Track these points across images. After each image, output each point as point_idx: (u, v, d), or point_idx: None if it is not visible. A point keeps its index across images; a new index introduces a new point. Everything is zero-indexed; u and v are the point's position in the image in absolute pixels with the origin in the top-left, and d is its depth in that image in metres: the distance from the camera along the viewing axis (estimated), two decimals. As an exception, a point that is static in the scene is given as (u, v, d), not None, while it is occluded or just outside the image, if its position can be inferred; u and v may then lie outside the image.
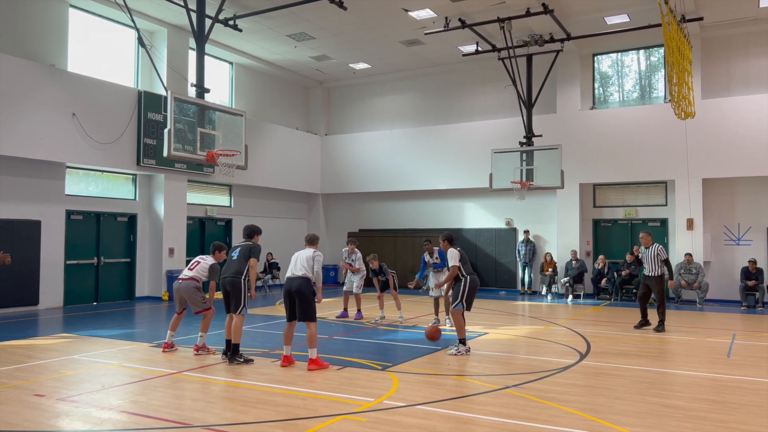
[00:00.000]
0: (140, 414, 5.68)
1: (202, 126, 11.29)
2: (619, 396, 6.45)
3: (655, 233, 17.27)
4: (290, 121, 21.47)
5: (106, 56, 15.73)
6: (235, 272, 8.06)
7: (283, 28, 16.61)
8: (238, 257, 8.17)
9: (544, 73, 17.06)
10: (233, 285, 8.03)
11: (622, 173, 17.18)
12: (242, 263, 8.10)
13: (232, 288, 8.03)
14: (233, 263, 8.17)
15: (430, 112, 20.62)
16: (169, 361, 8.16)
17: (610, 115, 17.61)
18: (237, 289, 8.02)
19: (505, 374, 7.51)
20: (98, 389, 6.58)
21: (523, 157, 16.16)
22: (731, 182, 16.39)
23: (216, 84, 19.00)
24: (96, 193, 15.39)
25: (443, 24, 15.71)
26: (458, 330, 8.76)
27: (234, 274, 8.06)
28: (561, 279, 17.11)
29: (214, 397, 6.29)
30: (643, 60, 18.02)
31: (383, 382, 6.96)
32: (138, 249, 16.10)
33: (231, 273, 8.08)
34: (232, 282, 8.03)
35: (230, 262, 8.24)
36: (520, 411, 5.82)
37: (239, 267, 8.08)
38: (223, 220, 18.94)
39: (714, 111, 16.01)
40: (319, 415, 5.65)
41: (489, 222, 19.54)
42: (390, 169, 20.42)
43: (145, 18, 15.80)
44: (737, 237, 16.32)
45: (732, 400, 6.30)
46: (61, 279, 14.25)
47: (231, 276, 8.06)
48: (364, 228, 21.50)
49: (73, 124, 13.73)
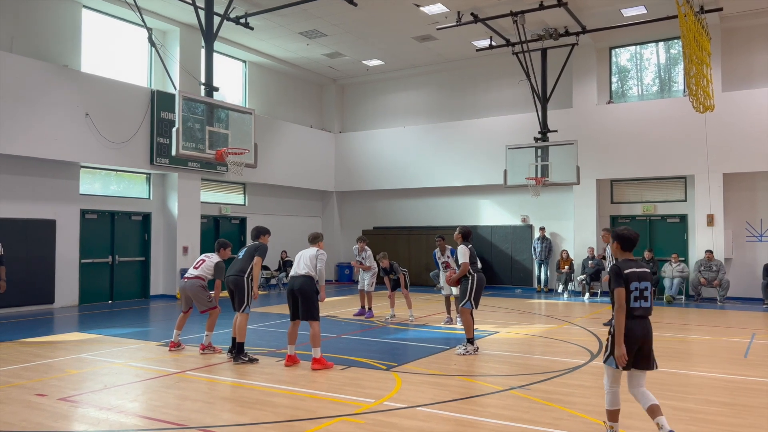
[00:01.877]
0: (138, 415, 5.66)
1: (211, 125, 11.29)
2: (627, 398, 6.23)
3: (674, 230, 16.96)
4: (304, 119, 21.44)
5: (120, 56, 15.83)
6: (239, 270, 8.08)
7: (294, 25, 16.56)
8: (244, 256, 8.22)
9: (559, 67, 16.79)
10: (237, 284, 8.03)
11: (640, 168, 16.84)
12: (246, 262, 8.13)
13: (236, 287, 8.04)
14: (238, 262, 8.21)
15: (444, 109, 20.44)
16: (175, 360, 8.15)
17: (628, 110, 17.27)
18: (240, 287, 8.01)
19: (512, 375, 7.36)
20: (100, 389, 6.58)
21: (538, 153, 15.91)
22: (753, 177, 15.97)
23: (230, 82, 19.06)
24: (110, 193, 15.52)
25: (455, 19, 15.52)
26: (466, 329, 8.62)
27: (238, 272, 8.07)
28: (578, 277, 16.84)
29: (214, 398, 6.25)
30: (663, 53, 17.64)
31: (386, 382, 6.86)
32: (152, 247, 16.20)
33: (235, 271, 8.10)
34: (236, 281, 8.04)
35: (235, 261, 8.27)
36: (523, 413, 5.68)
37: (243, 266, 8.10)
38: (238, 219, 18.99)
39: (735, 104, 15.60)
40: (317, 417, 5.57)
41: (504, 219, 19.31)
42: (404, 166, 20.29)
43: (158, 18, 15.88)
44: (759, 233, 15.90)
45: (744, 403, 6.09)
46: (76, 278, 14.39)
47: (235, 274, 8.08)
48: (378, 225, 21.41)
49: (86, 124, 13.84)
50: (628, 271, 4.67)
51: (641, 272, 4.70)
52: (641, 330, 4.65)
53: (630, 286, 4.64)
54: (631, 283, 4.65)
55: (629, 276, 4.65)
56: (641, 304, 4.67)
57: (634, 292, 4.65)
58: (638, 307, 4.66)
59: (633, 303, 4.65)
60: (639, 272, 4.69)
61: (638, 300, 4.66)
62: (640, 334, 4.64)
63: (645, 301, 4.68)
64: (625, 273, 4.66)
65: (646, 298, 4.68)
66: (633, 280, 4.66)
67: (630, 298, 4.64)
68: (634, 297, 4.65)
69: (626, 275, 4.65)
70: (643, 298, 4.67)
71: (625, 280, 4.64)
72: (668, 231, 16.96)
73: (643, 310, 4.68)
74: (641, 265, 4.77)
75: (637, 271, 4.68)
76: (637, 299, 4.66)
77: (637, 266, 4.73)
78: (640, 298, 4.66)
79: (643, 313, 4.69)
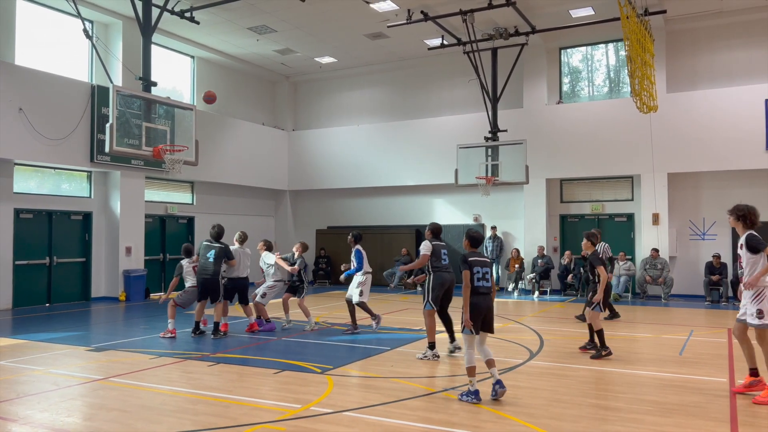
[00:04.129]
0: (45, 426, 5.33)
1: (149, 121, 10.93)
2: (558, 398, 6.22)
3: (621, 228, 17.21)
4: (256, 117, 21.06)
5: (60, 50, 15.21)
6: (214, 273, 9.78)
7: (242, 20, 16.20)
8: (215, 260, 9.75)
9: (510, 67, 16.84)
10: (214, 284, 9.85)
11: (589, 168, 17.03)
12: (218, 265, 9.82)
13: (213, 287, 9.83)
14: (209, 264, 9.73)
15: (397, 107, 20.33)
16: (100, 366, 7.79)
17: (577, 110, 17.45)
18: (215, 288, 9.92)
19: (448, 376, 7.26)
20: (13, 398, 6.21)
21: (489, 153, 15.94)
22: (696, 176, 16.31)
23: (177, 78, 18.57)
24: (48, 191, 14.90)
25: (406, 17, 15.40)
26: (428, 332, 8.25)
27: (213, 274, 9.78)
28: (527, 275, 16.93)
29: (132, 406, 5.95)
30: (612, 54, 17.87)
31: (318, 386, 6.67)
32: (93, 248, 15.62)
33: (210, 274, 9.75)
34: (213, 282, 9.83)
35: (206, 264, 9.75)
36: (450, 416, 5.56)
37: (216, 268, 9.80)
38: (185, 218, 18.49)
39: (679, 105, 15.90)
40: (238, 424, 5.34)
41: (457, 218, 19.30)
42: (358, 165, 20.10)
43: (100, 10, 15.33)
44: (702, 232, 16.25)
45: (673, 401, 6.10)
46: (9, 280, 13.76)
47: (211, 276, 9.76)
48: (332, 225, 21.18)
49: (20, 119, 13.23)
50: (471, 258, 6.27)
51: (482, 260, 6.33)
52: (485, 303, 6.20)
53: (473, 269, 6.19)
54: (474, 268, 6.20)
55: (473, 263, 6.23)
56: (483, 284, 6.23)
57: (477, 274, 6.21)
58: (482, 287, 6.21)
59: (477, 283, 6.19)
60: (480, 260, 6.31)
61: (480, 281, 6.22)
62: (484, 307, 6.19)
63: (486, 282, 6.25)
64: (470, 260, 6.24)
65: (487, 279, 6.26)
66: (476, 265, 6.23)
67: (474, 279, 6.17)
68: (477, 278, 6.19)
69: (470, 261, 6.23)
70: (484, 279, 6.24)
71: (470, 265, 6.21)
72: (616, 230, 17.20)
73: (486, 288, 6.24)
74: (483, 256, 6.42)
75: (479, 260, 6.30)
76: (479, 280, 6.21)
77: (479, 257, 6.36)
78: (482, 279, 6.23)
79: (486, 291, 6.23)
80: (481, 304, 6.17)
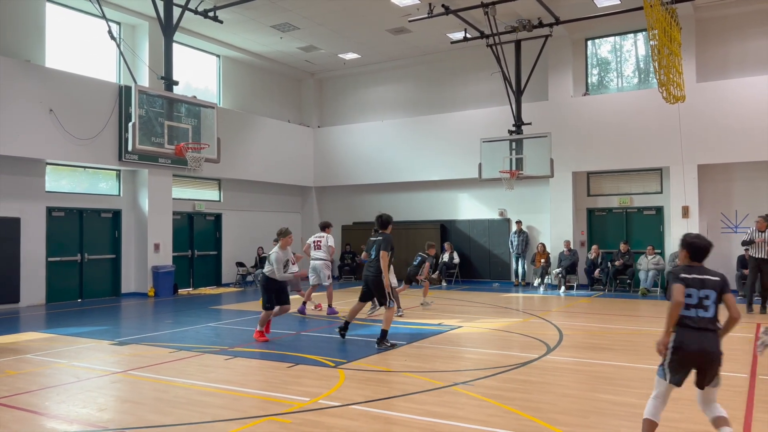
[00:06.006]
0: (57, 417, 5.50)
1: (171, 119, 11.11)
2: (568, 393, 6.14)
3: (650, 222, 16.85)
4: (282, 114, 21.25)
5: (88, 51, 15.60)
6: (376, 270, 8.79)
7: (265, 18, 16.35)
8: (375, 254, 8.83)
9: (534, 59, 16.62)
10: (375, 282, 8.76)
11: (617, 161, 16.71)
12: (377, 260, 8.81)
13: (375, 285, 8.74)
14: (373, 261, 8.82)
15: (421, 102, 20.27)
16: (122, 359, 7.99)
17: (604, 102, 17.13)
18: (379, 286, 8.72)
19: (461, 370, 7.23)
20: (34, 389, 6.42)
21: (513, 146, 15.78)
22: (728, 168, 15.85)
23: (204, 77, 18.86)
24: (78, 190, 15.31)
25: (427, 11, 15.33)
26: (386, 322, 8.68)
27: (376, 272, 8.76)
28: (554, 270, 16.72)
29: (146, 398, 6.09)
30: (642, 44, 17.48)
31: (329, 380, 6.72)
32: (123, 245, 16.01)
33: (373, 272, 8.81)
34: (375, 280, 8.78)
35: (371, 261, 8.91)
36: (457, 410, 5.54)
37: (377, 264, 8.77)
38: (213, 215, 18.79)
39: (710, 95, 15.46)
40: (246, 417, 5.43)
41: (482, 213, 19.17)
42: (383, 161, 20.12)
43: (127, 12, 15.67)
44: (734, 224, 15.80)
45: (688, 396, 5.93)
46: (42, 276, 14.20)
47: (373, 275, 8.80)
48: (358, 221, 21.25)
49: (51, 120, 13.62)
50: (684, 275, 4.25)
51: (702, 279, 4.25)
52: (697, 345, 4.15)
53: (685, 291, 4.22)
54: (688, 288, 4.22)
55: (685, 280, 4.22)
56: (698, 314, 4.18)
57: (690, 299, 4.21)
58: (695, 317, 4.18)
59: (686, 311, 4.18)
60: (699, 279, 4.24)
61: (693, 309, 4.19)
62: (695, 350, 4.15)
63: (705, 311, 4.19)
64: (681, 276, 4.25)
65: (707, 308, 4.19)
66: (692, 286, 4.22)
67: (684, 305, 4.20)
68: (688, 304, 4.20)
69: (682, 278, 4.23)
70: (702, 307, 4.19)
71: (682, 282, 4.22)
72: (644, 223, 16.84)
73: (702, 321, 4.18)
74: (707, 273, 4.29)
75: (698, 278, 4.25)
76: (691, 307, 4.19)
77: (700, 273, 4.28)
78: (697, 307, 4.20)
79: (701, 325, 4.18)
80: (689, 344, 4.15)
